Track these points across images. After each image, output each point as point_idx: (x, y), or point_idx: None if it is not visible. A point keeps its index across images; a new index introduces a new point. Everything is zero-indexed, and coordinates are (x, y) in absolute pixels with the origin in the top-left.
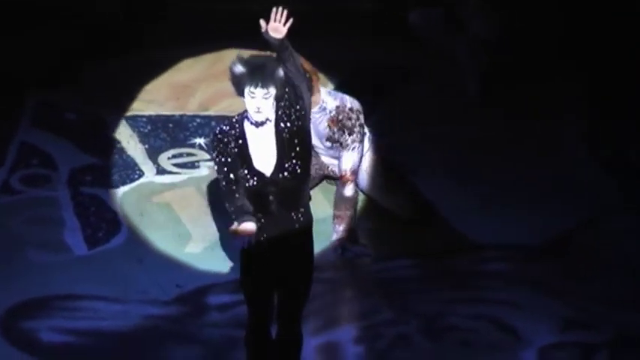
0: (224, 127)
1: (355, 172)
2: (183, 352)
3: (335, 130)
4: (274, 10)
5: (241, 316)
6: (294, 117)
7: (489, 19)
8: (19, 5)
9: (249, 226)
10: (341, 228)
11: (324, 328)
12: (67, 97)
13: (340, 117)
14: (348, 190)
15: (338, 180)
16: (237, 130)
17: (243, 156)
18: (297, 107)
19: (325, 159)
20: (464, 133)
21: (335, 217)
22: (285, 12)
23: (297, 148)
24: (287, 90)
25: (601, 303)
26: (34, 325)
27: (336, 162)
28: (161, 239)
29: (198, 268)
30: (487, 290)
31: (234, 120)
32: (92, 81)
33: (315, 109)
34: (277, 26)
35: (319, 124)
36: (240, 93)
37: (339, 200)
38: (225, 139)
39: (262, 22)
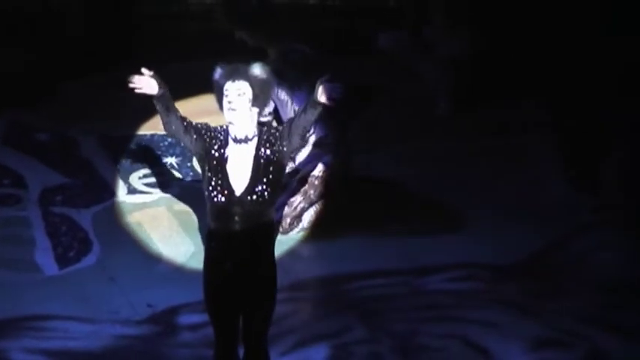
0: (211, 129)
1: None
2: None
3: None
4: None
5: (213, 335)
6: (276, 148)
7: (457, 39)
8: None
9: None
10: None
11: (295, 347)
12: (39, 118)
13: None
14: None
15: None
16: (222, 139)
17: (221, 166)
18: (284, 143)
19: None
20: (432, 151)
21: None
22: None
23: (270, 176)
24: (283, 127)
25: (573, 321)
26: (4, 346)
27: None
28: (132, 259)
29: (169, 288)
30: (459, 309)
31: (219, 129)
32: (63, 101)
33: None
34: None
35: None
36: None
37: None
38: (214, 134)
39: (324, 87)
